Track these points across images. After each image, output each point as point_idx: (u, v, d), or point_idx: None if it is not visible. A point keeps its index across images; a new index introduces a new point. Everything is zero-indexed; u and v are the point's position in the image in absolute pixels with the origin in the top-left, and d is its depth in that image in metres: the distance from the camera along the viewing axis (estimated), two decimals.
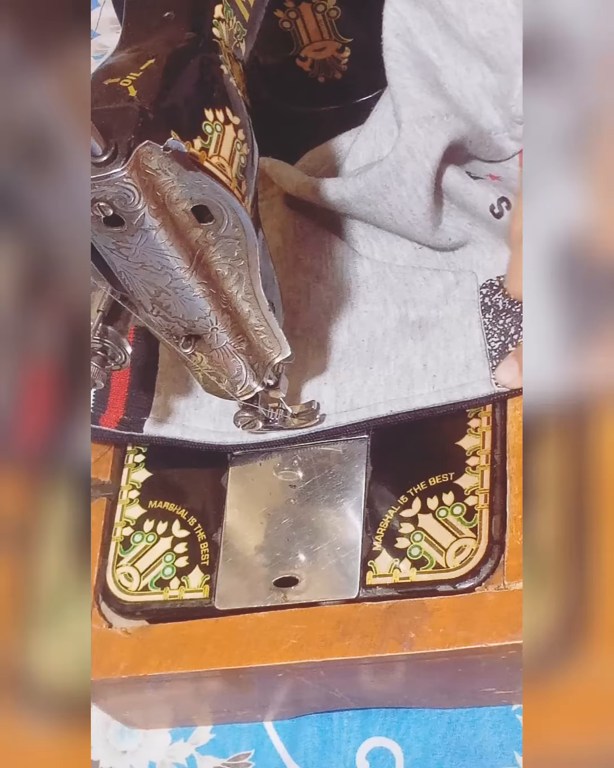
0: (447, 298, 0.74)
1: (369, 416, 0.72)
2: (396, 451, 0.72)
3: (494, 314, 0.72)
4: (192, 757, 0.78)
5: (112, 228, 0.58)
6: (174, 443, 0.76)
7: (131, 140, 0.55)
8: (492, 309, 0.72)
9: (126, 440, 0.77)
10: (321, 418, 0.73)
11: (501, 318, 0.72)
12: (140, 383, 0.78)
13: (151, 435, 0.76)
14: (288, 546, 0.71)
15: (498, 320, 0.72)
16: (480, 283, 0.73)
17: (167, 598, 0.72)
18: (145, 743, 0.80)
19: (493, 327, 0.72)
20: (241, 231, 0.60)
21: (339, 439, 0.73)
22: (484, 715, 0.72)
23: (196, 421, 0.75)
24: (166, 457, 0.77)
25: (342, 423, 0.72)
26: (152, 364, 0.79)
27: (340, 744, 0.75)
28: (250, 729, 0.77)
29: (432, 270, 0.76)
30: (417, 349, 0.73)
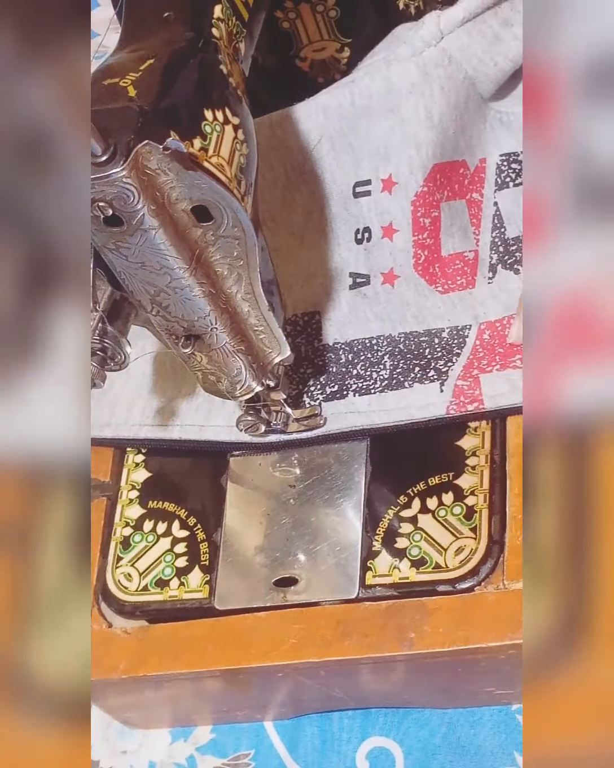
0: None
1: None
2: (396, 451, 0.72)
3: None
4: (192, 757, 0.78)
5: (111, 228, 0.58)
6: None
7: (131, 140, 0.55)
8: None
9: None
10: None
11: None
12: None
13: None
14: (287, 546, 0.71)
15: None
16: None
17: (167, 598, 0.73)
18: (145, 743, 0.80)
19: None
20: (240, 231, 0.60)
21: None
22: (484, 715, 0.72)
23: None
24: (165, 457, 0.77)
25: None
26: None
27: (340, 744, 0.75)
28: (250, 729, 0.77)
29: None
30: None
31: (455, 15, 0.72)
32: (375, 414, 0.72)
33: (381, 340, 0.75)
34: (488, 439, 0.69)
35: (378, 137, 0.73)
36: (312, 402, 0.74)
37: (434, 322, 0.74)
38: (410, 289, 0.75)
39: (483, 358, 0.71)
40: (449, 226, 0.75)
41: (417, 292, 0.75)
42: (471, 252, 0.75)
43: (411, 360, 0.73)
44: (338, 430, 0.73)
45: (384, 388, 0.72)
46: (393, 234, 0.75)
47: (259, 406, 0.71)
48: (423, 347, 0.73)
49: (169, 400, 0.77)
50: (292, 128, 0.76)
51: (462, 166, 0.75)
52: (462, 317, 0.74)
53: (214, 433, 0.75)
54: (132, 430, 0.77)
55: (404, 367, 0.73)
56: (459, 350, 0.72)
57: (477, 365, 0.71)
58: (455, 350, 0.72)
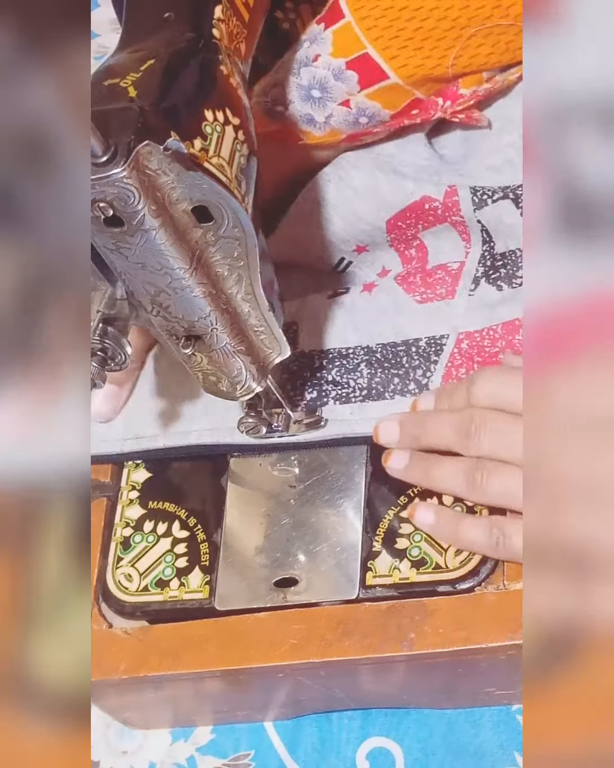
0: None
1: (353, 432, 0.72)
2: None
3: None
4: (192, 758, 0.78)
5: (112, 228, 0.58)
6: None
7: (131, 140, 0.55)
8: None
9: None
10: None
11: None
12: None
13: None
14: (288, 546, 0.71)
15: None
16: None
17: (167, 599, 0.72)
18: (145, 744, 0.80)
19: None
20: (240, 231, 0.60)
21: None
22: (484, 715, 0.72)
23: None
24: (165, 457, 0.77)
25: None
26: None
27: (340, 744, 0.75)
28: (250, 729, 0.77)
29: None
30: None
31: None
32: (357, 423, 0.72)
33: (358, 349, 0.75)
34: None
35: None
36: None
37: (411, 332, 0.75)
38: (388, 298, 0.76)
39: (461, 366, 0.72)
40: (435, 242, 0.78)
41: (394, 301, 0.76)
42: (456, 263, 0.76)
43: (389, 369, 0.73)
44: (341, 434, 0.73)
45: (364, 398, 0.73)
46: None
47: (261, 408, 0.71)
48: (401, 356, 0.74)
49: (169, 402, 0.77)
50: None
51: (426, 201, 0.77)
52: (438, 327, 0.74)
53: (216, 436, 0.75)
54: (127, 444, 0.77)
55: (382, 377, 0.73)
56: (436, 358, 0.73)
57: (456, 374, 0.72)
58: (432, 358, 0.73)
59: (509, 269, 0.74)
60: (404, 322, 0.75)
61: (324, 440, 0.73)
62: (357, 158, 0.79)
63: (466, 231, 0.76)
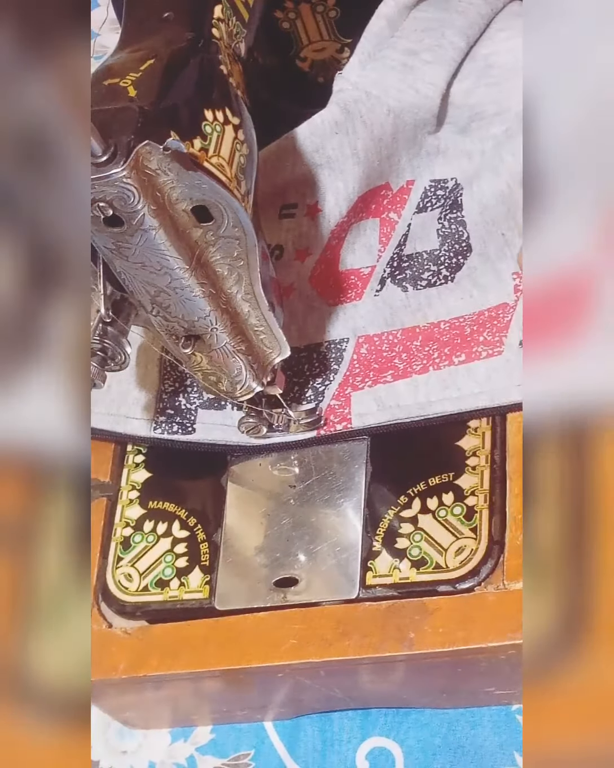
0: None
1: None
2: (396, 451, 0.72)
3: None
4: (192, 758, 0.78)
5: (111, 228, 0.58)
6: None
7: (131, 140, 0.55)
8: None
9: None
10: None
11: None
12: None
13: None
14: (288, 546, 0.71)
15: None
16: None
17: (167, 599, 0.72)
18: (145, 743, 0.80)
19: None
20: (240, 231, 0.60)
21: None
22: (484, 715, 0.72)
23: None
24: (165, 457, 0.77)
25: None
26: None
27: (340, 744, 0.75)
28: (250, 729, 0.77)
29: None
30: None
31: (352, 63, 0.74)
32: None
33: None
34: (488, 440, 0.69)
35: (306, 173, 0.74)
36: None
37: (314, 336, 0.75)
38: (302, 302, 0.76)
39: (358, 374, 0.73)
40: (351, 244, 0.76)
41: (307, 304, 0.76)
42: (368, 268, 0.76)
43: (290, 377, 0.73)
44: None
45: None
46: (306, 257, 0.76)
47: (261, 408, 0.71)
48: (303, 363, 0.74)
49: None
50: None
51: (384, 188, 0.76)
52: (340, 330, 0.75)
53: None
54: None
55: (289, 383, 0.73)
56: (336, 365, 0.74)
57: (352, 382, 0.73)
58: (332, 366, 0.74)
59: (415, 270, 0.74)
60: (310, 325, 0.75)
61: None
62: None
63: (389, 234, 0.75)
